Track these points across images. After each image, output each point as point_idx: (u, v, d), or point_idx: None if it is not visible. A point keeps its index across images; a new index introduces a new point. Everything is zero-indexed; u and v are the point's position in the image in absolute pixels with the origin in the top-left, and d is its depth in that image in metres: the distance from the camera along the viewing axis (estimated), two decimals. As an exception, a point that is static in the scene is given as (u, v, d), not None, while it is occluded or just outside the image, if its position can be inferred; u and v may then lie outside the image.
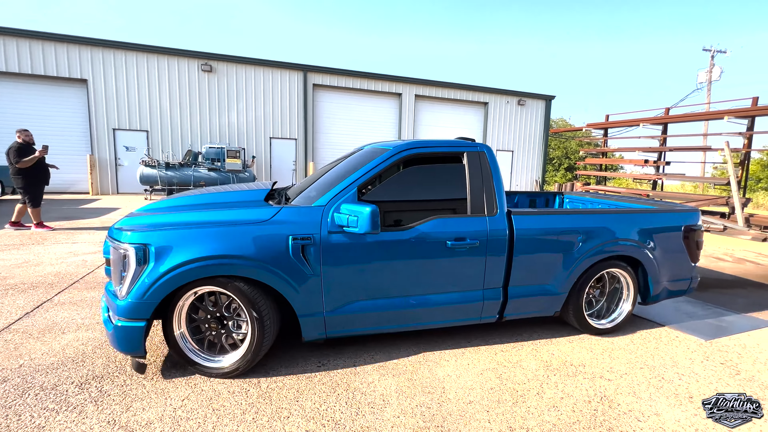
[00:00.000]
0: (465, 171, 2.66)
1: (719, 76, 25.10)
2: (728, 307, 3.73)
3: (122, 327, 2.06)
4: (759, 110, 9.32)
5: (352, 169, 2.55)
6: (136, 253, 2.03)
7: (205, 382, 2.16)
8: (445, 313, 2.61)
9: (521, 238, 2.64)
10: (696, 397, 2.19)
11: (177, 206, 2.53)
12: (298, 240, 2.21)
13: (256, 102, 13.93)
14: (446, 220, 2.51)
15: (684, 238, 3.15)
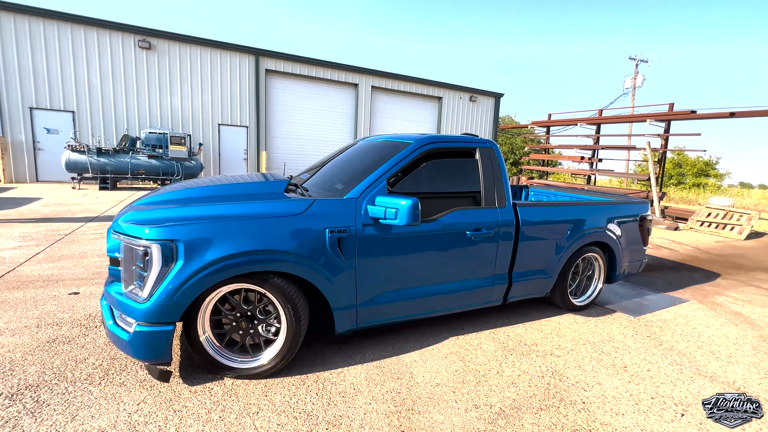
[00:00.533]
0: (478, 165, 2.81)
1: (642, 83, 28.03)
2: (650, 288, 4.26)
3: (145, 332, 1.85)
4: (674, 115, 10.58)
5: (375, 162, 2.56)
6: (162, 250, 1.82)
7: (162, 383, 2.03)
8: (462, 299, 2.76)
9: (525, 228, 2.88)
10: (629, 367, 2.48)
11: (190, 198, 2.35)
12: (335, 233, 2.17)
13: (203, 86, 12.99)
14: (465, 211, 2.65)
15: (639, 226, 3.70)
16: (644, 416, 1.98)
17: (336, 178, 2.68)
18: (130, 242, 1.89)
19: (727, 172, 29.27)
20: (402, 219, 2.12)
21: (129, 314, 1.89)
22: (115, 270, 2.09)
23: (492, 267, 2.81)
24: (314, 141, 15.29)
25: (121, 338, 1.92)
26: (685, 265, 5.56)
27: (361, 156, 2.90)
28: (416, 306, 2.57)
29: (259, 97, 13.76)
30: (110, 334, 2.01)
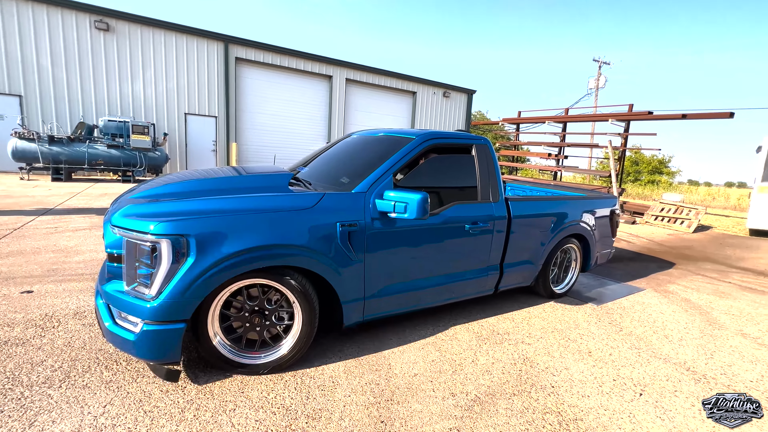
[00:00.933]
0: (475, 161, 2.91)
1: (604, 84, 29.45)
2: (611, 278, 4.53)
3: (153, 331, 1.77)
4: (633, 115, 11.21)
5: (378, 156, 2.59)
6: (172, 245, 1.74)
7: (131, 383, 1.94)
8: (460, 289, 2.89)
9: (515, 221, 3.05)
10: (593, 352, 2.64)
11: (190, 191, 2.24)
12: (346, 227, 2.18)
13: (168, 72, 12.32)
14: (463, 205, 2.75)
15: (609, 219, 4.05)
16: (607, 397, 2.11)
17: (339, 172, 2.69)
18: (134, 238, 1.80)
19: (678, 170, 31.50)
20: (412, 213, 2.14)
21: (133, 313, 1.81)
22: (114, 267, 1.96)
23: (486, 258, 2.95)
24: (287, 133, 14.95)
25: (124, 339, 1.82)
26: (642, 256, 5.95)
27: (362, 150, 2.94)
28: (418, 297, 2.65)
29: (228, 86, 13.24)
30: (110, 335, 1.90)
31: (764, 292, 4.38)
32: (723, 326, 3.26)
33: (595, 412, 1.97)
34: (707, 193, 22.78)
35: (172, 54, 12.32)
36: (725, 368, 2.53)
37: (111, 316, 1.92)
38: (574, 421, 1.89)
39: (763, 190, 8.53)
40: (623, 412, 1.99)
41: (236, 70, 13.52)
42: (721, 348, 2.84)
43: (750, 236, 8.82)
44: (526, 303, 3.48)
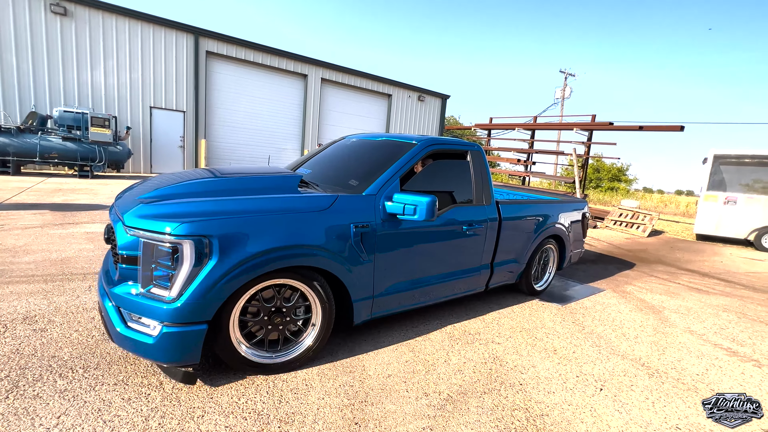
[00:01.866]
0: (470, 167, 3.09)
1: (570, 94, 30.92)
2: (575, 279, 4.76)
3: (174, 333, 1.75)
4: (596, 125, 11.85)
5: (383, 160, 2.69)
6: (195, 246, 1.73)
7: (89, 392, 1.83)
8: (456, 286, 3.05)
9: (505, 223, 3.27)
10: (558, 350, 2.76)
11: (201, 191, 2.20)
12: (359, 228, 2.26)
13: (132, 62, 11.70)
14: (461, 208, 2.92)
15: (581, 221, 4.41)
16: (571, 393, 2.22)
17: (345, 175, 2.78)
18: (153, 239, 1.76)
19: (635, 177, 33.53)
20: (421, 215, 2.24)
21: (150, 316, 1.77)
22: (127, 269, 1.87)
23: (480, 257, 3.15)
24: (260, 131, 14.59)
25: (140, 342, 1.78)
26: (603, 258, 6.29)
27: (365, 154, 3.06)
28: (420, 295, 2.78)
29: (198, 81, 12.76)
30: (121, 339, 1.84)
31: (708, 292, 4.76)
32: (673, 324, 3.51)
33: (559, 408, 2.07)
34: (660, 200, 24.44)
35: (137, 44, 11.71)
36: (675, 363, 2.73)
37: (122, 320, 1.86)
38: (541, 417, 1.98)
39: (708, 198, 9.27)
40: (585, 407, 2.10)
41: (207, 65, 13.05)
42: (672, 344, 3.05)
43: (697, 240, 9.56)
44: (496, 304, 3.59)
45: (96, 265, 3.58)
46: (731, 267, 6.52)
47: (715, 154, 9.25)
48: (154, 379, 1.98)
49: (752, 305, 4.33)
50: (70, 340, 2.27)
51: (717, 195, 9.15)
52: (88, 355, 2.13)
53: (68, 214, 5.51)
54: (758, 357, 2.97)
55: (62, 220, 5.13)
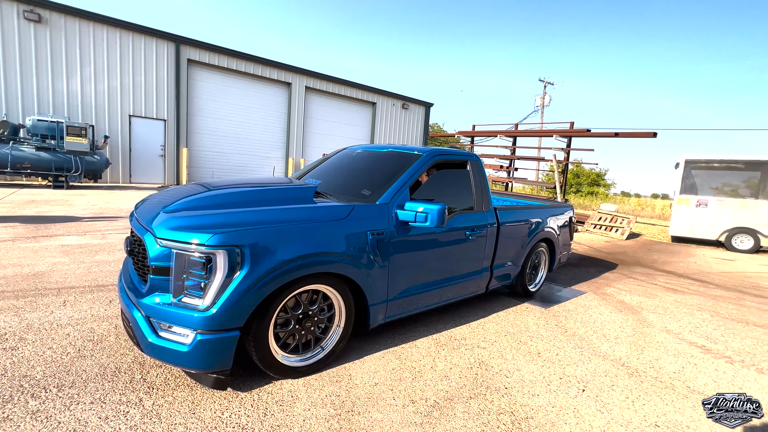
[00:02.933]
0: (470, 175, 3.28)
1: (549, 102, 31.83)
2: (557, 282, 4.86)
3: (208, 340, 1.81)
4: (574, 132, 12.23)
5: (393, 171, 2.83)
6: (228, 255, 1.81)
7: (63, 412, 1.76)
8: (461, 289, 3.20)
9: (502, 228, 3.46)
10: (542, 353, 2.81)
11: (222, 203, 2.27)
12: (375, 235, 2.38)
13: (110, 71, 11.46)
14: (464, 215, 3.09)
15: (568, 225, 4.69)
16: (554, 395, 2.26)
17: (356, 185, 2.91)
18: (186, 249, 1.83)
19: (613, 182, 34.63)
20: (433, 221, 2.38)
21: (184, 324, 1.83)
22: (158, 279, 1.91)
23: (481, 261, 3.33)
24: (243, 140, 14.46)
25: (173, 350, 1.84)
26: (584, 261, 6.45)
27: (373, 164, 3.20)
28: (429, 298, 2.91)
29: (180, 89, 12.58)
30: (153, 349, 1.88)
31: (684, 292, 4.94)
32: (651, 324, 3.63)
33: (544, 410, 2.10)
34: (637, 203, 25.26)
35: (116, 51, 11.49)
36: (653, 362, 2.82)
37: (153, 330, 1.89)
38: (526, 420, 2.00)
39: (681, 201, 9.65)
40: (568, 408, 2.14)
41: (188, 73, 12.90)
42: (650, 344, 3.15)
43: (672, 242, 9.91)
44: (481, 309, 3.63)
45: (71, 279, 3.45)
46: (704, 267, 6.78)
47: (686, 159, 9.66)
48: (133, 396, 1.92)
49: (724, 304, 4.51)
50: (43, 358, 2.18)
51: (689, 198, 9.54)
52: (63, 374, 2.05)
53: (42, 227, 5.31)
54: (730, 354, 3.09)
55: (35, 233, 4.94)
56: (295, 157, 15.56)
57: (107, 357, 2.25)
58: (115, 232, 5.43)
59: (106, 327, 2.62)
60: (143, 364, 2.20)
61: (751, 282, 5.85)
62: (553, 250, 4.39)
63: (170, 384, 2.04)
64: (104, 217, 6.35)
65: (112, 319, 2.75)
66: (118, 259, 4.18)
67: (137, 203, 2.59)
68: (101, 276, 3.61)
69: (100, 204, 7.71)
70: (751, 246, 8.82)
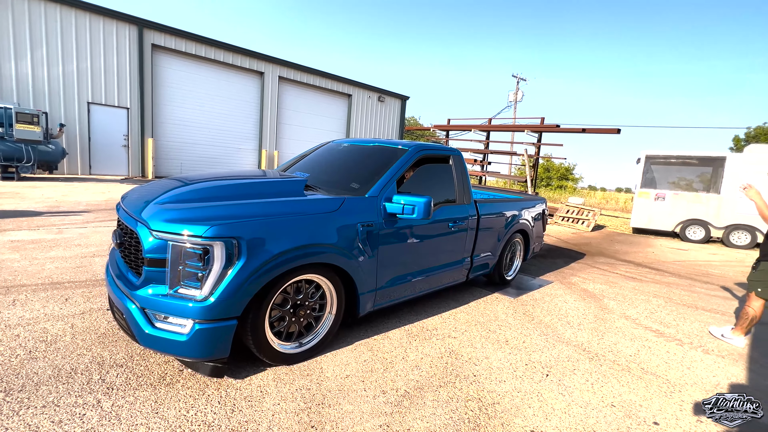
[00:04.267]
0: (452, 169, 3.40)
1: (522, 98, 32.60)
2: (527, 273, 5.03)
3: (207, 329, 1.85)
4: (544, 128, 12.61)
5: (380, 165, 2.90)
6: (225, 247, 1.85)
7: (11, 417, 1.65)
8: (444, 278, 3.33)
9: (482, 220, 3.61)
10: (510, 341, 2.91)
11: (214, 196, 2.25)
12: (365, 227, 2.46)
13: (65, 54, 10.69)
14: (448, 207, 3.22)
15: (541, 216, 4.92)
16: (520, 380, 2.35)
17: (344, 178, 2.95)
18: (183, 241, 1.85)
19: (581, 176, 36.13)
20: (419, 214, 2.47)
21: (181, 314, 1.86)
22: (153, 271, 1.92)
23: (462, 251, 3.47)
24: (214, 130, 13.93)
25: (171, 340, 1.87)
26: (552, 252, 6.71)
27: (360, 158, 3.28)
28: (415, 286, 3.02)
29: (144, 76, 11.93)
30: (150, 339, 1.90)
31: (642, 280, 5.24)
32: (611, 311, 3.83)
33: (509, 395, 2.18)
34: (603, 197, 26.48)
35: (71, 33, 10.71)
36: (612, 346, 2.98)
37: (148, 321, 1.91)
38: (492, 405, 2.07)
39: (642, 195, 10.20)
40: (533, 393, 2.23)
41: (153, 59, 12.23)
42: (610, 329, 3.33)
43: (633, 233, 10.47)
44: (453, 300, 3.71)
45: (22, 277, 3.23)
46: (661, 257, 7.22)
47: (646, 155, 10.19)
48: (90, 397, 1.83)
49: (677, 290, 4.83)
50: (-12, 361, 2.04)
51: (649, 192, 10.09)
52: (12, 377, 1.92)
53: (-12, 221, 4.93)
54: (681, 336, 3.32)
55: (-19, 228, 4.58)
56: (269, 148, 15.18)
57: (62, 358, 2.13)
58: (72, 226, 5.12)
59: (61, 326, 2.48)
60: (102, 364, 2.11)
61: (702, 270, 6.29)
62: (527, 241, 4.59)
63: (131, 384, 1.96)
64: (60, 212, 5.97)
65: (69, 318, 2.60)
66: (75, 254, 3.95)
67: (123, 195, 2.55)
68: (56, 273, 3.40)
69: (55, 197, 7.24)
70: (703, 236, 9.46)
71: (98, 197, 7.64)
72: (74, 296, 2.96)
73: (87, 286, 3.18)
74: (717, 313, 4.03)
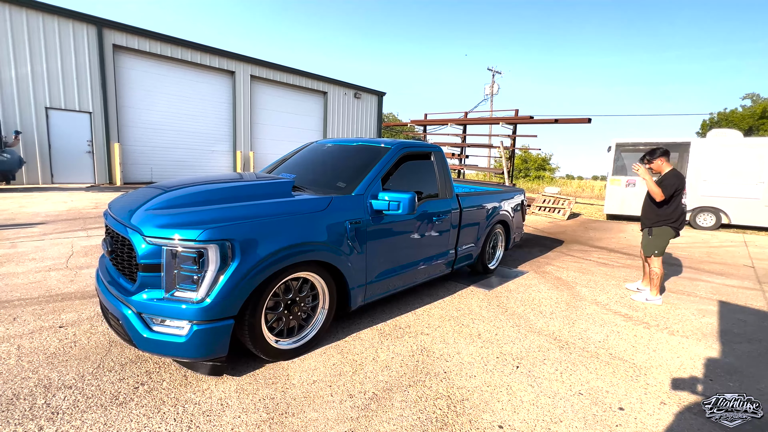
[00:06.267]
0: (434, 165, 3.52)
1: (498, 90, 33.02)
2: (502, 264, 5.07)
3: (205, 330, 1.90)
4: (518, 119, 12.78)
5: (364, 163, 3.00)
6: (219, 249, 1.90)
7: None
8: (430, 270, 3.44)
9: (464, 212, 3.74)
10: (482, 334, 2.91)
11: (206, 200, 2.28)
12: (353, 224, 2.56)
13: (17, 56, 10.07)
14: (430, 202, 3.33)
15: (521, 208, 5.09)
16: (490, 374, 2.34)
17: (330, 178, 3.06)
18: (176, 246, 1.89)
19: (557, 166, 36.97)
20: (404, 209, 2.58)
21: (179, 317, 1.90)
22: (148, 276, 1.95)
23: (446, 244, 3.58)
24: (184, 133, 13.48)
25: (172, 342, 1.90)
26: (528, 242, 6.80)
27: (344, 158, 3.38)
28: (403, 279, 3.12)
29: (105, 78, 11.38)
30: (149, 343, 1.93)
31: (613, 265, 5.37)
32: (583, 298, 3.89)
33: (479, 390, 2.17)
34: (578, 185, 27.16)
35: (22, 34, 10.10)
36: (582, 333, 3.02)
37: (146, 325, 1.93)
38: (461, 402, 2.05)
39: (613, 182, 10.48)
40: (502, 386, 2.22)
41: (115, 60, 11.68)
42: (581, 316, 3.38)
43: (607, 220, 10.77)
44: (428, 296, 3.69)
45: (-34, 296, 3.01)
46: (633, 241, 7.43)
47: (616, 143, 10.46)
48: (32, 425, 1.70)
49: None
50: None
51: (620, 179, 10.37)
52: (-57, 408, 1.77)
53: (-67, 238, 4.59)
54: (648, 320, 3.40)
55: (-77, 246, 4.25)
56: (244, 149, 14.82)
57: (2, 383, 1.98)
58: (28, 239, 4.83)
59: (6, 348, 2.31)
60: (48, 386, 1.97)
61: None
62: (508, 231, 4.75)
63: (79, 406, 1.84)
64: (15, 225, 5.63)
65: (15, 338, 2.43)
66: (28, 270, 3.72)
67: (110, 203, 2.59)
68: (5, 291, 3.18)
69: (12, 208, 6.83)
70: (671, 220, 9.80)
71: (59, 207, 7.26)
72: (24, 315, 2.77)
73: (39, 303, 2.99)
74: (683, 294, 4.16)
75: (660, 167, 3.78)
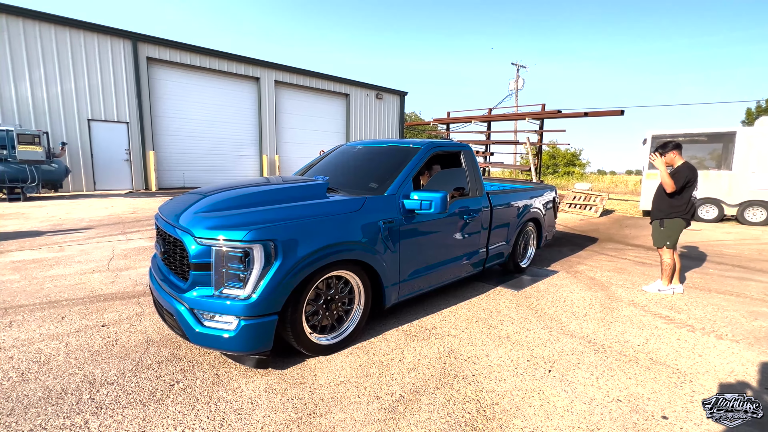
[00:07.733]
0: (463, 164, 3.52)
1: (522, 85, 32.11)
2: (532, 264, 4.91)
3: (251, 325, 2.02)
4: (545, 114, 12.37)
5: (395, 164, 3.05)
6: (264, 249, 2.01)
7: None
8: (461, 268, 3.45)
9: (495, 211, 3.75)
10: (512, 336, 2.82)
11: (247, 204, 2.41)
12: (387, 224, 2.62)
13: (62, 73, 10.82)
14: (462, 200, 3.34)
15: (552, 204, 5.03)
16: (521, 378, 2.27)
17: (362, 179, 3.11)
18: (224, 246, 2.01)
19: (588, 161, 35.47)
20: (436, 208, 2.62)
21: (228, 312, 2.02)
22: (199, 275, 2.09)
23: (477, 242, 3.59)
24: (213, 139, 14.01)
25: (221, 336, 2.03)
26: (558, 241, 6.56)
27: (375, 159, 3.44)
28: (435, 277, 3.14)
29: (141, 89, 12.02)
30: (200, 337, 2.06)
31: (651, 264, 5.08)
32: (619, 299, 3.70)
33: (509, 395, 2.10)
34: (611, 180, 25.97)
35: (66, 52, 10.83)
36: (619, 336, 2.87)
37: (198, 321, 2.07)
38: (491, 406, 1.99)
39: (650, 176, 9.92)
40: (534, 390, 2.14)
41: (149, 72, 12.32)
42: (617, 318, 3.21)
43: (643, 216, 10.22)
44: (453, 297, 3.62)
45: (21, 297, 3.25)
46: (672, 239, 6.99)
47: (652, 135, 9.91)
48: (78, 418, 1.80)
49: (689, 273, 4.66)
50: (-21, 386, 2.03)
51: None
52: (2, 401, 1.91)
53: (-8, 243, 4.99)
54: (692, 322, 3.18)
55: (-16, 251, 4.63)
56: (269, 153, 15.21)
57: (53, 378, 2.11)
58: (74, 243, 5.16)
59: (56, 346, 2.47)
60: (93, 382, 2.08)
61: (715, 250, 6.08)
62: (540, 229, 4.69)
63: (121, 401, 1.93)
64: (63, 230, 6.04)
65: (63, 336, 2.59)
66: (74, 272, 3.96)
67: (160, 207, 2.73)
68: (54, 291, 3.41)
69: (59, 215, 7.33)
70: (716, 215, 9.17)
71: (101, 213, 7.72)
72: (71, 314, 2.96)
73: (84, 303, 3.18)
74: (731, 295, 3.87)
75: (672, 160, 3.84)
